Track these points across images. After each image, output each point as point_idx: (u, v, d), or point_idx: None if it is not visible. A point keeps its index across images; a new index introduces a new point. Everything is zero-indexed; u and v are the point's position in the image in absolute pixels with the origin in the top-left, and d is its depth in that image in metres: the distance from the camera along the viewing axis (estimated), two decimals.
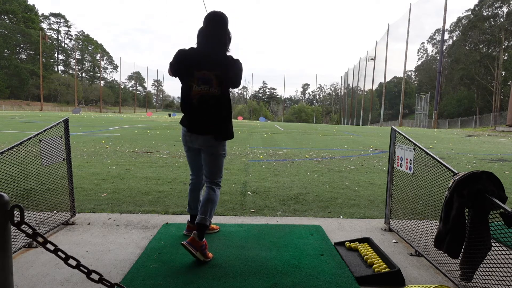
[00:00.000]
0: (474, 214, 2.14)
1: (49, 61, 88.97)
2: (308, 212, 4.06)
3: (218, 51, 2.71)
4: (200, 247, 2.54)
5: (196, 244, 2.53)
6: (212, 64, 2.66)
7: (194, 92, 2.69)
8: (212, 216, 2.74)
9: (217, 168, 2.85)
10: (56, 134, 3.29)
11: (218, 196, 2.83)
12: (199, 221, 2.65)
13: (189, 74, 2.68)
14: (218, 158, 2.83)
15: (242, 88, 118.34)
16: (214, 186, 2.84)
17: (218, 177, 2.88)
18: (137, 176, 5.80)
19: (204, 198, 2.78)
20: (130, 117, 44.45)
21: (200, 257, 2.55)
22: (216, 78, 2.66)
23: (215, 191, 2.82)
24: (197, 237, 2.55)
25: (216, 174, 2.86)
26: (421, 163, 2.97)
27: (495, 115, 42.01)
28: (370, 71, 64.86)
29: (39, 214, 3.16)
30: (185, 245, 2.52)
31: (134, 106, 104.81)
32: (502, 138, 21.20)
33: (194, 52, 2.70)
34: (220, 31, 2.70)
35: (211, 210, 2.72)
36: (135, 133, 15.91)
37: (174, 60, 2.71)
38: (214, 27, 2.68)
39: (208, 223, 2.68)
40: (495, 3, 51.97)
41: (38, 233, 1.43)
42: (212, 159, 2.82)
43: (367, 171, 7.02)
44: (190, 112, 2.76)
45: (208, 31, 2.69)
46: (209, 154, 2.81)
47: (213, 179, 2.86)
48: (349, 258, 2.73)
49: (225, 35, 2.72)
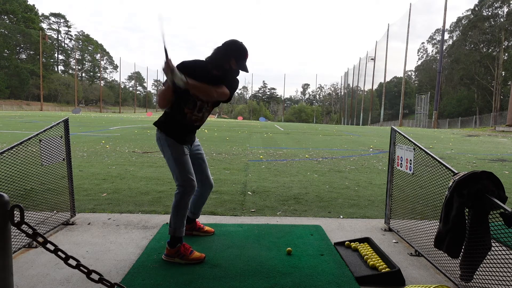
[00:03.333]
0: (474, 214, 2.14)
1: (49, 61, 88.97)
2: (308, 212, 4.06)
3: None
4: (175, 253, 2.59)
5: (170, 252, 2.61)
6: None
7: (195, 117, 2.76)
8: (175, 223, 2.63)
9: (172, 172, 2.69)
10: (56, 134, 3.29)
11: (176, 201, 2.65)
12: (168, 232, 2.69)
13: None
14: (168, 160, 2.69)
15: (242, 88, 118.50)
16: (176, 191, 2.69)
17: (175, 180, 2.68)
18: (137, 176, 5.80)
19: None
20: (130, 117, 44.46)
21: (180, 261, 2.58)
22: (212, 105, 2.79)
23: (175, 196, 2.66)
24: (168, 245, 2.63)
25: (174, 179, 2.69)
26: (421, 163, 2.97)
27: (495, 115, 42.00)
28: (370, 71, 64.90)
29: (39, 214, 3.16)
30: (164, 258, 2.63)
31: (134, 106, 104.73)
32: (502, 138, 21.20)
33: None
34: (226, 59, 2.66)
35: (172, 217, 2.64)
36: (135, 133, 15.91)
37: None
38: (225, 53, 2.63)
39: (171, 232, 2.63)
40: (495, 3, 51.98)
41: (38, 233, 1.43)
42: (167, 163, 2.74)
43: (367, 171, 7.02)
44: (190, 130, 2.85)
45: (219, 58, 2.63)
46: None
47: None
48: (349, 258, 2.73)
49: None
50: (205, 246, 2.89)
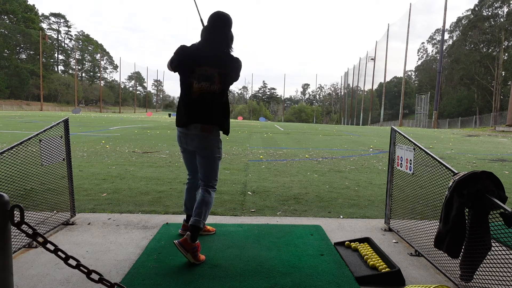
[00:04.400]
0: (474, 214, 2.13)
1: (49, 61, 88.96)
2: (308, 212, 4.06)
3: (222, 49, 2.74)
4: (191, 249, 2.53)
5: (188, 245, 2.53)
6: (216, 61, 2.68)
7: (194, 89, 2.69)
8: (206, 219, 2.72)
9: (212, 171, 2.82)
10: (56, 134, 3.29)
11: (212, 199, 2.80)
12: (192, 223, 2.63)
13: (190, 70, 2.69)
14: (212, 161, 2.80)
15: (242, 88, 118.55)
16: (209, 189, 2.81)
17: (213, 180, 2.84)
18: (137, 176, 5.80)
19: (198, 200, 2.75)
20: (130, 117, 44.45)
21: (190, 258, 2.54)
22: (219, 76, 2.68)
23: (210, 194, 2.79)
24: (190, 239, 2.54)
25: (211, 177, 2.83)
26: (421, 163, 2.97)
27: (495, 115, 42.00)
28: (370, 71, 64.92)
29: (39, 214, 3.16)
30: (177, 245, 2.53)
31: (134, 106, 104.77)
32: (502, 138, 21.19)
33: (196, 49, 2.71)
34: (224, 30, 2.73)
35: (205, 212, 2.70)
36: (135, 133, 15.91)
37: (175, 55, 2.72)
38: (218, 26, 2.72)
39: (202, 225, 2.66)
40: (495, 3, 51.98)
41: (38, 233, 1.43)
42: (206, 162, 2.79)
43: (367, 171, 7.02)
44: (189, 108, 2.74)
45: (213, 30, 2.71)
46: (204, 156, 2.79)
47: (208, 182, 2.82)
48: (349, 258, 2.73)
49: (228, 35, 2.75)
50: (205, 246, 2.88)
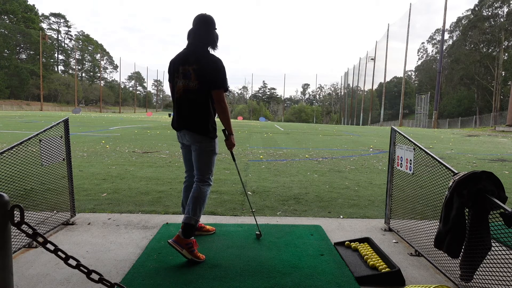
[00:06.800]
0: (474, 214, 2.13)
1: (49, 61, 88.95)
2: (308, 212, 4.06)
3: (200, 48, 2.78)
4: (185, 245, 2.53)
5: (181, 241, 2.52)
6: (192, 59, 2.75)
7: (178, 88, 2.80)
8: (198, 215, 2.69)
9: (204, 165, 2.80)
10: (56, 134, 3.29)
11: (205, 194, 2.77)
12: (184, 220, 2.63)
13: (176, 71, 2.81)
14: (205, 154, 2.79)
15: (242, 88, 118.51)
16: (201, 184, 2.79)
17: (206, 174, 2.82)
18: (137, 176, 5.80)
19: (190, 196, 2.75)
20: (130, 117, 44.44)
21: (186, 255, 2.53)
22: (194, 72, 2.72)
23: (201, 189, 2.76)
24: (182, 235, 2.54)
25: (204, 171, 2.81)
26: (421, 163, 2.97)
27: (495, 115, 42.00)
28: (370, 71, 64.88)
29: (39, 214, 3.16)
30: (171, 243, 2.53)
31: (134, 106, 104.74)
32: (502, 138, 21.19)
33: (180, 52, 2.85)
34: (204, 30, 2.79)
35: (196, 208, 2.67)
36: (135, 133, 15.91)
37: (168, 69, 2.92)
38: (199, 27, 2.80)
39: (194, 222, 2.63)
40: (495, 3, 51.98)
41: (38, 233, 1.43)
42: (198, 155, 2.80)
43: (367, 171, 7.02)
44: (176, 108, 2.84)
45: (193, 31, 2.81)
46: (195, 149, 2.81)
47: (201, 176, 2.81)
48: (349, 258, 2.73)
49: (209, 34, 2.81)
50: (205, 246, 2.89)
